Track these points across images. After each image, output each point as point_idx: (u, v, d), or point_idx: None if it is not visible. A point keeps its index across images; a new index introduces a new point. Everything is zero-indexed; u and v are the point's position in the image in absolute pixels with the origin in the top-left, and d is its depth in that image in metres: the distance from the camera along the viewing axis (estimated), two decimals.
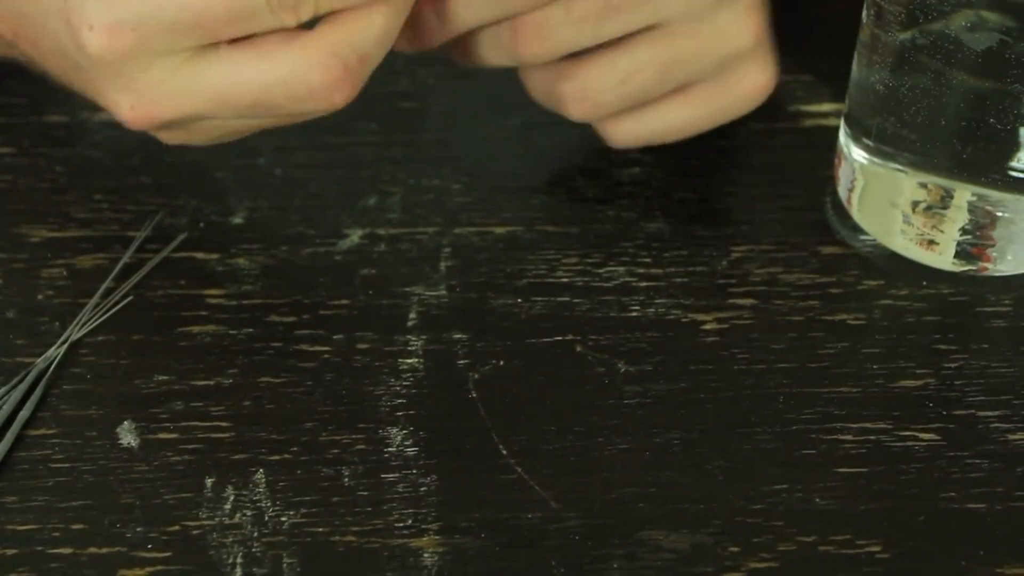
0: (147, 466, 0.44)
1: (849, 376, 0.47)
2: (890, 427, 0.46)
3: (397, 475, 0.44)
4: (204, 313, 0.49)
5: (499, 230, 0.52)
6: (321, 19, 0.44)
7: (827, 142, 0.53)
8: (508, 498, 0.44)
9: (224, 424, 0.45)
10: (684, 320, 0.49)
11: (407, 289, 0.50)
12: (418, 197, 0.53)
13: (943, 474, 0.44)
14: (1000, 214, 0.48)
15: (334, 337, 0.48)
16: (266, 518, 0.43)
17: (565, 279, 0.50)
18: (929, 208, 0.49)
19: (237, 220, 0.52)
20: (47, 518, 0.43)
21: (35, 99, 0.56)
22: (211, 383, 0.47)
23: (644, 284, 0.50)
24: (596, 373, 0.47)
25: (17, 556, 0.42)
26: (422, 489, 0.44)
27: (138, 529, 0.43)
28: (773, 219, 0.52)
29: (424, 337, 0.48)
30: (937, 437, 0.45)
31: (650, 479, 0.44)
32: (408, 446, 0.45)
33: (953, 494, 0.44)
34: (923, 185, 0.49)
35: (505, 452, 0.45)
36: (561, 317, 0.49)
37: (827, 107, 0.56)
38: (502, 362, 0.47)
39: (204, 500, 0.43)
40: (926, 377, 0.47)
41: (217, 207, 0.52)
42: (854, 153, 0.50)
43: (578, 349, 0.48)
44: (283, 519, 0.43)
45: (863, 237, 0.51)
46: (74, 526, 0.43)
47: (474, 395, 0.46)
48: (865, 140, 0.50)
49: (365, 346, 0.48)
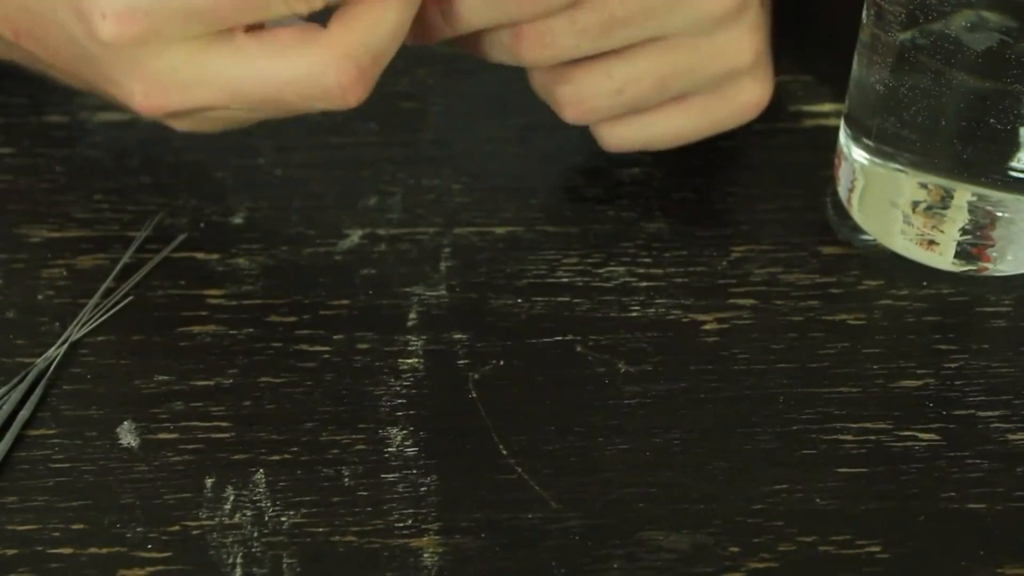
0: (147, 466, 0.44)
1: (849, 376, 0.47)
2: (890, 427, 0.46)
3: (397, 475, 0.44)
4: (204, 313, 0.49)
5: (499, 230, 0.52)
6: (334, 16, 0.44)
7: (827, 142, 0.53)
8: (508, 498, 0.44)
9: (224, 424, 0.45)
10: (684, 320, 0.49)
11: (407, 289, 0.50)
12: (418, 197, 0.53)
13: (943, 474, 0.44)
14: (1000, 214, 0.48)
15: (334, 337, 0.48)
16: (266, 518, 0.43)
17: (565, 279, 0.50)
18: (929, 208, 0.49)
19: (237, 220, 0.52)
20: (47, 518, 0.43)
21: (35, 99, 0.56)
22: (211, 383, 0.47)
23: (644, 284, 0.50)
24: (596, 373, 0.47)
25: (17, 556, 0.42)
26: (422, 489, 0.44)
27: (138, 529, 0.43)
28: (773, 219, 0.52)
29: (424, 337, 0.48)
30: (937, 437, 0.45)
31: (650, 479, 0.44)
32: (408, 446, 0.45)
33: (953, 494, 0.44)
34: (923, 185, 0.49)
35: (505, 452, 0.45)
36: (561, 317, 0.49)
37: (827, 107, 0.56)
38: (502, 362, 0.47)
39: (204, 500, 0.43)
40: (926, 377, 0.47)
41: (217, 207, 0.52)
42: (854, 153, 0.50)
43: (578, 349, 0.48)
44: (283, 519, 0.43)
45: (863, 237, 0.51)
46: (74, 526, 0.43)
47: (474, 395, 0.46)
48: (865, 140, 0.50)
49: (365, 346, 0.48)
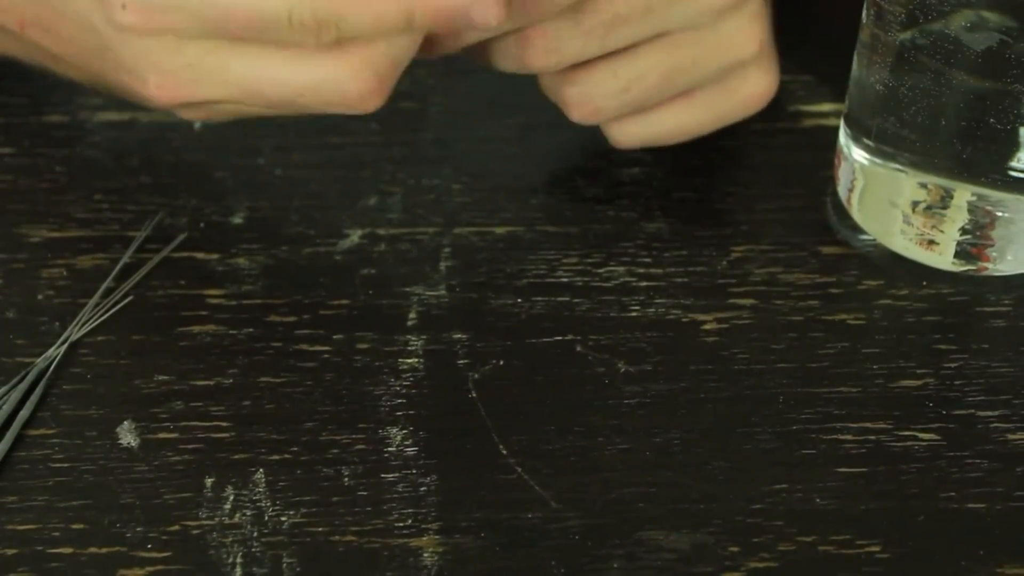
0: (147, 466, 0.44)
1: (849, 376, 0.47)
2: (890, 427, 0.46)
3: (397, 475, 0.44)
4: (204, 313, 0.49)
5: (499, 230, 0.52)
6: None
7: (827, 142, 0.53)
8: (508, 498, 0.44)
9: (224, 424, 0.45)
10: (684, 320, 0.49)
11: (407, 289, 0.50)
12: (418, 197, 0.53)
13: (943, 474, 0.44)
14: (1000, 214, 0.48)
15: (334, 337, 0.48)
16: (266, 518, 0.43)
17: (565, 279, 0.50)
18: (929, 208, 0.49)
19: (237, 220, 0.52)
20: (47, 518, 0.43)
21: (35, 99, 0.56)
22: (211, 383, 0.47)
23: (644, 284, 0.50)
24: (596, 373, 0.47)
25: (17, 556, 0.42)
26: (422, 489, 0.44)
27: (138, 529, 0.43)
28: (773, 219, 0.52)
29: (424, 337, 0.48)
30: (937, 437, 0.45)
31: (650, 479, 0.44)
32: (408, 446, 0.45)
33: (953, 494, 0.44)
34: (923, 185, 0.49)
35: (505, 452, 0.45)
36: (561, 317, 0.49)
37: (827, 107, 0.56)
38: (502, 362, 0.47)
39: (204, 500, 0.43)
40: (926, 377, 0.47)
41: (217, 207, 0.52)
42: (854, 153, 0.50)
43: (578, 349, 0.48)
44: (283, 519, 0.43)
45: (863, 237, 0.51)
46: (74, 526, 0.43)
47: (474, 395, 0.46)
48: (865, 140, 0.50)
49: (365, 346, 0.48)
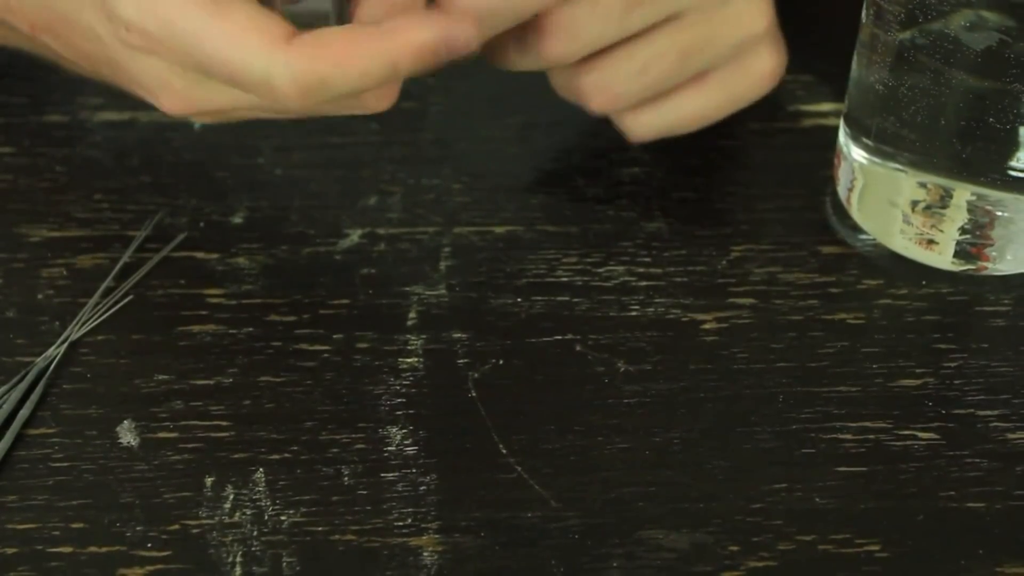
0: (147, 465, 0.44)
1: (849, 375, 0.47)
2: (890, 426, 0.46)
3: (397, 474, 0.44)
4: (204, 313, 0.49)
5: (499, 230, 0.52)
6: (311, 37, 0.43)
7: (827, 142, 0.53)
8: (508, 497, 0.44)
9: (224, 423, 0.45)
10: (684, 320, 0.49)
11: (407, 289, 0.50)
12: (418, 197, 0.53)
13: (942, 473, 0.44)
14: (999, 213, 0.48)
15: (334, 336, 0.48)
16: (266, 517, 0.43)
17: (565, 278, 0.50)
18: (928, 208, 0.49)
19: (237, 220, 0.52)
20: (47, 517, 0.43)
21: (35, 99, 0.56)
22: (211, 382, 0.47)
23: (644, 284, 0.50)
24: (596, 373, 0.47)
25: (17, 555, 0.42)
26: (422, 488, 0.44)
27: (138, 528, 0.43)
28: (773, 219, 0.52)
29: (424, 336, 0.48)
30: (936, 436, 0.45)
31: (650, 478, 0.44)
32: (408, 445, 0.45)
33: (952, 493, 0.44)
34: (923, 185, 0.49)
35: (505, 451, 0.45)
36: (561, 317, 0.49)
37: (827, 107, 0.57)
38: (502, 362, 0.47)
39: (204, 499, 0.43)
40: (925, 376, 0.47)
41: (217, 207, 0.52)
42: (854, 153, 0.50)
43: (578, 349, 0.48)
44: (283, 518, 0.43)
45: (863, 237, 0.51)
46: (74, 525, 0.43)
47: (474, 394, 0.46)
48: (865, 140, 0.50)
49: (365, 345, 0.48)
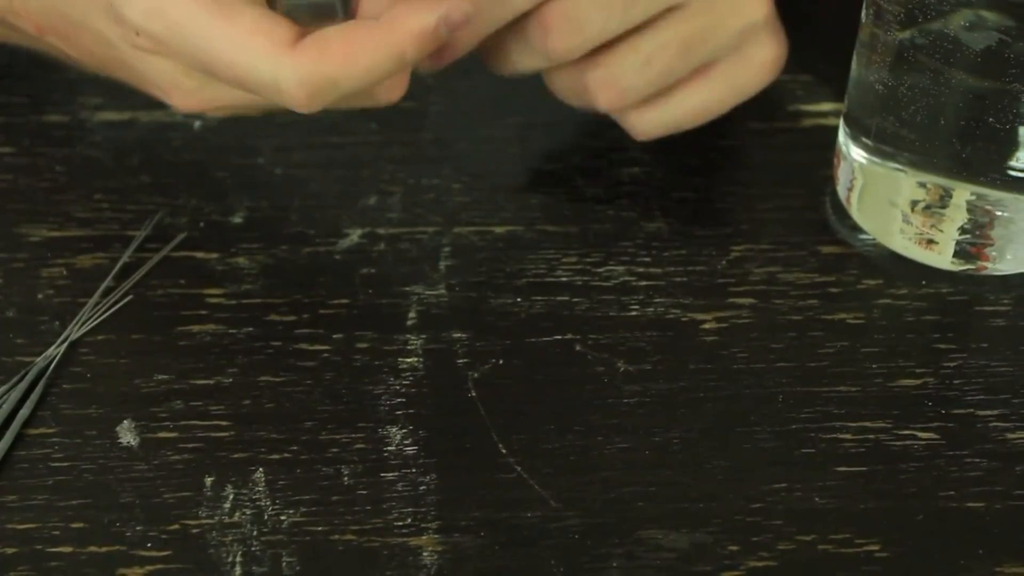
0: (147, 465, 0.44)
1: (848, 375, 0.47)
2: (889, 426, 0.46)
3: (397, 474, 0.44)
4: (204, 312, 0.49)
5: (499, 230, 0.52)
6: (315, 38, 0.43)
7: (827, 142, 0.53)
8: (508, 497, 0.44)
9: (224, 423, 0.45)
10: (684, 320, 0.49)
11: (407, 288, 0.50)
12: (418, 197, 0.53)
13: (942, 473, 0.44)
14: (999, 213, 0.48)
15: (334, 336, 0.48)
16: (266, 517, 0.43)
17: (565, 278, 0.50)
18: (928, 207, 0.49)
19: (237, 220, 0.52)
20: (47, 517, 0.43)
21: (35, 99, 0.56)
22: (211, 382, 0.47)
23: (644, 283, 0.50)
24: (596, 372, 0.47)
25: (17, 555, 0.42)
26: (421, 488, 0.44)
27: (138, 528, 0.43)
28: (773, 219, 0.52)
29: (424, 336, 0.48)
30: (936, 436, 0.45)
31: (650, 478, 0.44)
32: (408, 445, 0.45)
33: (952, 493, 0.44)
34: (922, 184, 0.49)
35: (505, 451, 0.45)
36: (561, 316, 0.49)
37: (827, 107, 0.57)
38: (502, 361, 0.47)
39: (204, 499, 0.43)
40: (925, 376, 0.47)
41: (217, 207, 0.52)
42: (853, 153, 0.50)
43: (578, 348, 0.48)
44: (283, 518, 0.43)
45: (862, 236, 0.51)
46: (74, 525, 0.43)
47: (474, 394, 0.46)
48: (864, 140, 0.50)
49: (365, 345, 0.48)
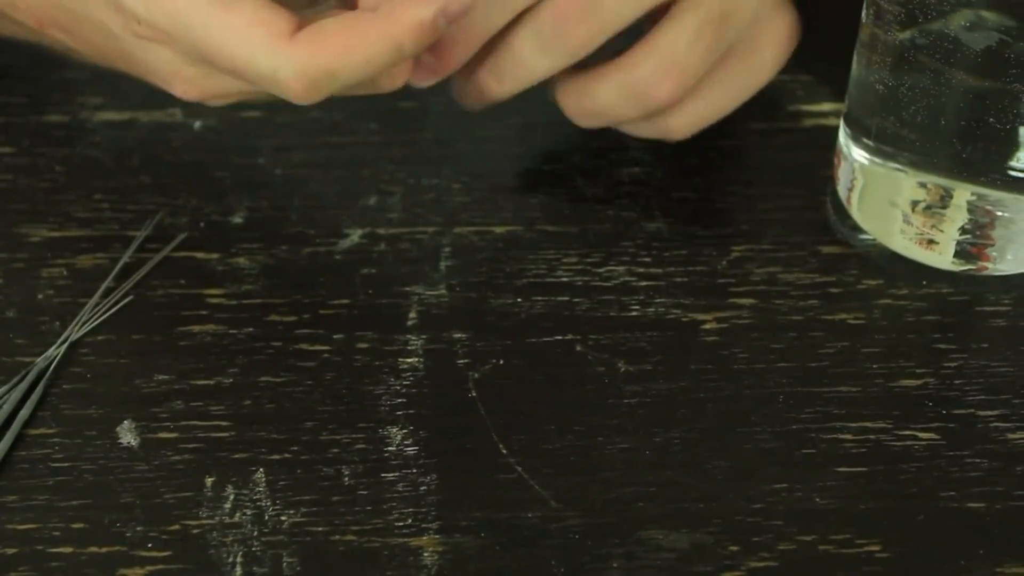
0: (147, 465, 0.44)
1: (849, 375, 0.47)
2: (890, 426, 0.46)
3: (397, 474, 0.44)
4: (204, 313, 0.49)
5: (499, 230, 0.52)
6: (313, 29, 0.43)
7: (827, 142, 0.53)
8: (508, 498, 0.44)
9: (224, 423, 0.45)
10: (684, 320, 0.49)
11: (407, 289, 0.50)
12: (418, 197, 0.53)
13: (943, 473, 0.44)
14: (1000, 213, 0.48)
15: (334, 337, 0.48)
16: (266, 517, 0.43)
17: (565, 279, 0.50)
18: (929, 208, 0.49)
19: (237, 220, 0.52)
20: (47, 517, 0.43)
21: (35, 99, 0.56)
22: (211, 383, 0.47)
23: (644, 284, 0.50)
24: (596, 373, 0.47)
25: (17, 555, 0.42)
26: (422, 488, 0.44)
27: (138, 528, 0.43)
28: (773, 219, 0.52)
29: (424, 336, 0.48)
30: (937, 436, 0.45)
31: (650, 479, 0.44)
32: (408, 445, 0.45)
33: (953, 493, 0.44)
34: (923, 185, 0.49)
35: (505, 452, 0.45)
36: (561, 317, 0.49)
37: (827, 107, 0.57)
38: (502, 361, 0.47)
39: (204, 499, 0.43)
40: (926, 376, 0.47)
41: (217, 207, 0.52)
42: (854, 153, 0.50)
43: (578, 349, 0.48)
44: (283, 518, 0.43)
45: (863, 237, 0.51)
46: (74, 525, 0.43)
47: (474, 394, 0.46)
48: (865, 140, 0.50)
49: (365, 346, 0.48)
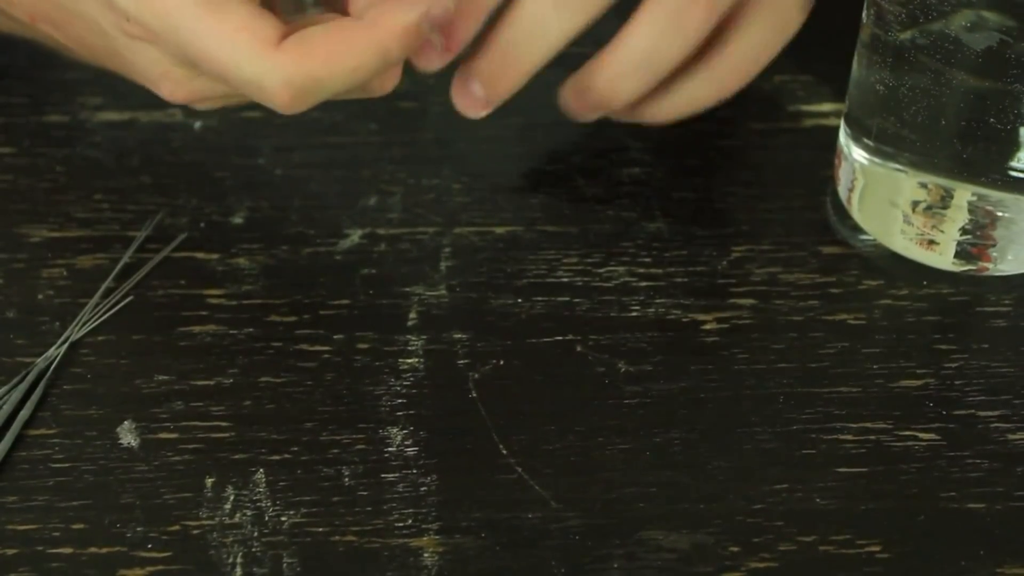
0: (147, 466, 0.44)
1: (849, 376, 0.47)
2: (890, 427, 0.46)
3: (397, 475, 0.44)
4: (204, 313, 0.49)
5: (499, 230, 0.52)
6: (299, 36, 0.43)
7: (827, 142, 0.53)
8: (508, 498, 0.44)
9: (224, 424, 0.45)
10: (684, 320, 0.49)
11: (407, 289, 0.50)
12: (418, 197, 0.53)
13: (943, 474, 0.44)
14: (1000, 214, 0.48)
15: (334, 337, 0.48)
16: (266, 518, 0.43)
17: (565, 279, 0.50)
18: (929, 208, 0.49)
19: (237, 220, 0.52)
20: (47, 518, 0.43)
21: (35, 99, 0.56)
22: (211, 383, 0.47)
23: (644, 284, 0.50)
24: (596, 373, 0.47)
25: (17, 556, 0.42)
26: (422, 489, 0.44)
27: (138, 529, 0.43)
28: (773, 219, 0.52)
29: (424, 337, 0.48)
30: (937, 437, 0.45)
31: (650, 479, 0.44)
32: (408, 446, 0.45)
33: (953, 494, 0.44)
34: (923, 185, 0.49)
35: (505, 452, 0.45)
36: (561, 317, 0.49)
37: (827, 107, 0.56)
38: (502, 362, 0.47)
39: (204, 500, 0.43)
40: (926, 377, 0.47)
41: (217, 207, 0.52)
42: (854, 153, 0.50)
43: (578, 349, 0.48)
44: (283, 519, 0.43)
45: (863, 237, 0.51)
46: (74, 526, 0.43)
47: (474, 395, 0.46)
48: (865, 140, 0.50)
49: (365, 346, 0.48)
